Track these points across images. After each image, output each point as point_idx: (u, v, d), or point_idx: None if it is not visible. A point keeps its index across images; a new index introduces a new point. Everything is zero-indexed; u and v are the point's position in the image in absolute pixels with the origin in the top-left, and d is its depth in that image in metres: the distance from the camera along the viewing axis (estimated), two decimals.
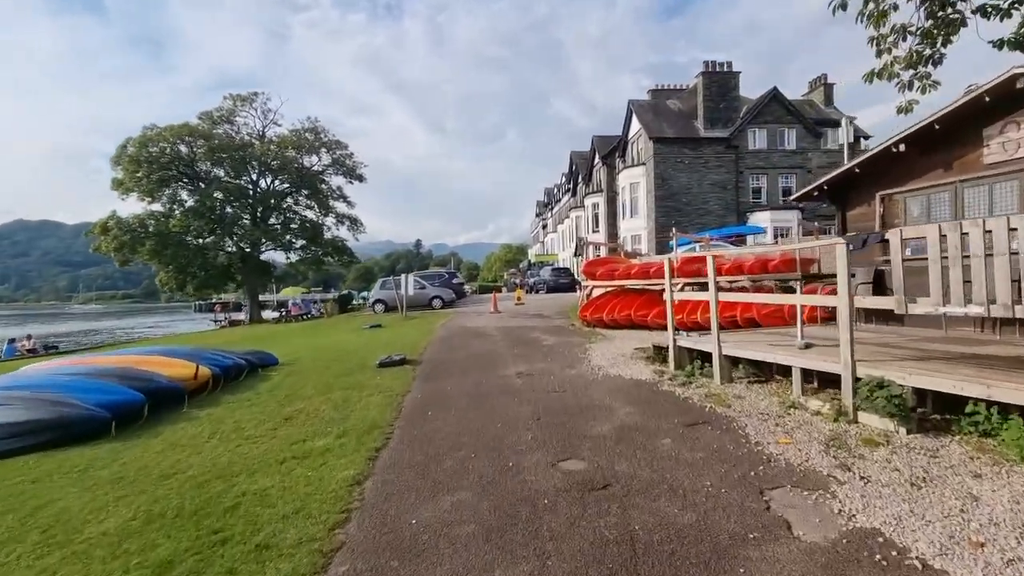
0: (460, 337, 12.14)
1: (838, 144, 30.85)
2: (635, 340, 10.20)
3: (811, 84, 33.92)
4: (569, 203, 51.96)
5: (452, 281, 26.81)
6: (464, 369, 8.25)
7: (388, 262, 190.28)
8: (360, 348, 11.41)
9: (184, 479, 4.57)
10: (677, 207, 29.41)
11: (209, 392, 8.04)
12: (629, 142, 34.14)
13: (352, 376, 8.32)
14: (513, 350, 9.72)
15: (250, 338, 17.96)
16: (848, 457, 3.86)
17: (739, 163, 29.77)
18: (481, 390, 6.81)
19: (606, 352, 8.95)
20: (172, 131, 28.06)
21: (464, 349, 10.25)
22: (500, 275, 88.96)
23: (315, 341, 14.25)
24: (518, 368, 8.02)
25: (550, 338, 11.12)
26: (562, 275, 32.42)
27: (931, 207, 7.23)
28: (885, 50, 5.70)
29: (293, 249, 33.20)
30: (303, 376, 8.75)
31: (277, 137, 32.48)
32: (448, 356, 9.54)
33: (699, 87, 30.35)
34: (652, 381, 6.58)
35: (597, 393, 6.23)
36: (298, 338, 16.08)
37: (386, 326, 16.36)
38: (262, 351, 9.96)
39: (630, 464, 4.03)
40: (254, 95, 32.07)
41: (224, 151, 30.12)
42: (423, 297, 22.13)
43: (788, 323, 9.41)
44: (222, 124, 32.06)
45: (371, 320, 18.93)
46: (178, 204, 30.87)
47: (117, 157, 27.71)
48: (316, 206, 33.74)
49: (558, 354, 9.09)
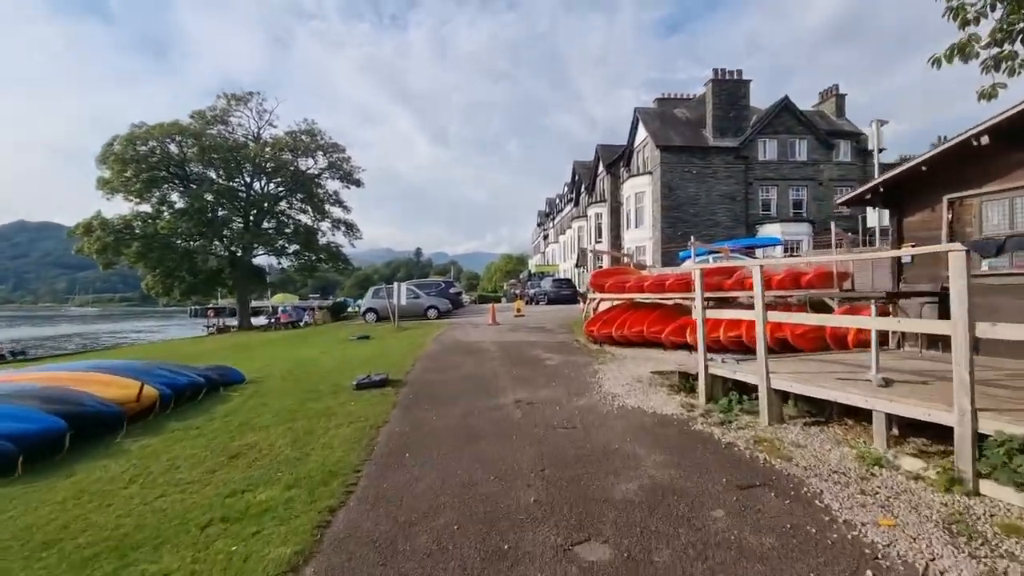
0: (453, 353, 10.98)
1: (850, 157, 30.06)
2: (650, 361, 9.04)
3: (822, 95, 33.06)
4: (571, 213, 51.01)
5: (449, 291, 25.64)
6: (455, 394, 7.07)
7: (388, 270, 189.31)
8: (341, 363, 10.23)
9: (69, 550, 3.40)
10: (684, 218, 28.38)
11: (155, 416, 6.87)
12: (635, 151, 33.21)
13: (323, 400, 7.15)
14: (512, 370, 8.55)
15: (230, 347, 16.79)
16: (991, 555, 2.69)
17: (748, 174, 28.79)
18: (473, 424, 5.64)
19: (619, 376, 7.78)
20: (161, 129, 27.04)
21: (456, 368, 9.08)
22: (500, 285, 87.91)
23: (295, 353, 13.07)
24: (517, 395, 6.85)
25: (553, 356, 9.95)
26: (563, 286, 31.29)
27: (1017, 213, 6.11)
28: (972, 20, 4.64)
29: (285, 254, 32.08)
30: (268, 398, 7.57)
31: (272, 138, 31.47)
32: (438, 377, 8.36)
33: (708, 95, 29.45)
34: (681, 417, 5.41)
35: (615, 432, 5.06)
36: (279, 349, 14.90)
37: (375, 338, 15.18)
38: (226, 367, 8.78)
39: (674, 554, 2.86)
40: (249, 95, 31.16)
41: (216, 152, 29.10)
42: (417, 307, 20.97)
43: (826, 346, 8.27)
44: (216, 124, 31.07)
45: (361, 330, 17.75)
46: (167, 205, 29.82)
47: (103, 155, 26.64)
48: (311, 210, 32.67)
49: (564, 377, 7.92)
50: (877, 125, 12.73)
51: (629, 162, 34.08)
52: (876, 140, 12.74)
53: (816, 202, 29.09)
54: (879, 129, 12.74)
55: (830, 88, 32.31)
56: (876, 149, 12.86)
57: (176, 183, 29.98)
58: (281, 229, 32.85)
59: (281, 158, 31.62)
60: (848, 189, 30.27)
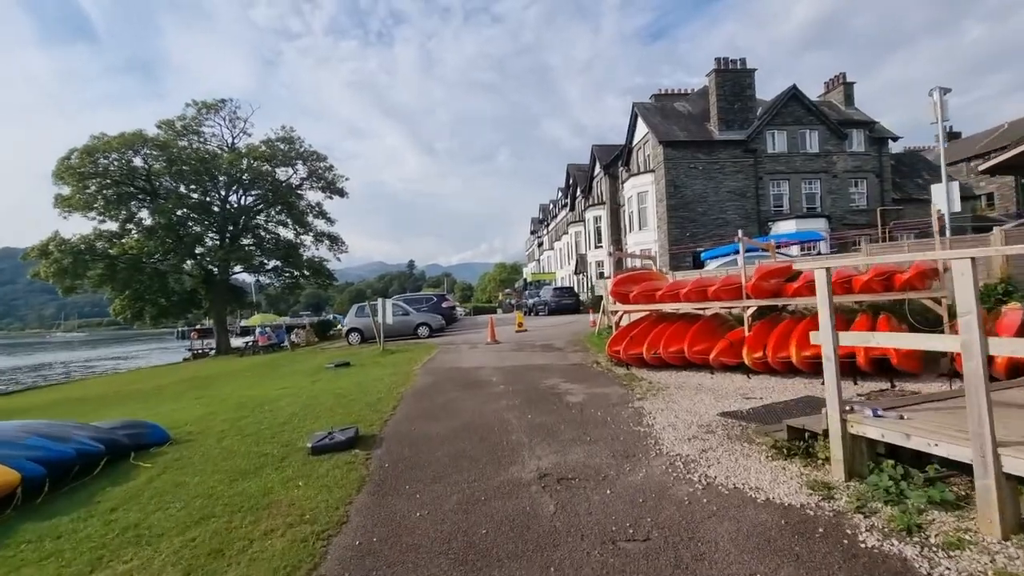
0: (447, 387, 8.84)
1: (864, 146, 28.33)
2: (703, 392, 6.95)
3: (827, 85, 31.39)
4: (567, 218, 49.14)
5: (442, 305, 23.46)
6: (448, 462, 4.93)
7: (381, 284, 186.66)
8: (306, 406, 8.05)
9: None
10: (692, 217, 26.49)
11: (14, 509, 4.69)
12: (634, 149, 31.38)
13: (263, 474, 4.99)
14: (526, 414, 6.42)
15: (188, 380, 14.57)
16: None
17: (758, 168, 26.97)
18: (478, 530, 3.50)
19: (676, 419, 5.67)
20: (122, 140, 24.82)
21: (452, 412, 6.93)
22: (495, 295, 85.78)
23: (256, 389, 10.85)
24: (540, 461, 4.72)
25: (575, 388, 7.84)
26: (565, 295, 29.25)
27: None
28: None
29: (264, 271, 29.85)
30: (188, 472, 5.39)
31: (246, 147, 29.35)
32: (426, 428, 6.20)
33: (711, 86, 27.69)
34: (822, 515, 3.28)
35: (724, 552, 2.94)
36: (241, 383, 12.68)
37: (356, 364, 13.00)
38: (143, 424, 6.57)
39: None
40: (221, 103, 29.04)
41: (187, 164, 26.95)
42: (407, 325, 18.81)
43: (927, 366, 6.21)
44: (188, 135, 28.97)
45: (341, 355, 15.56)
46: (135, 223, 27.60)
47: (59, 170, 24.30)
48: (291, 223, 30.50)
49: (598, 423, 5.80)
50: (940, 93, 10.82)
51: (628, 161, 32.23)
52: (939, 111, 10.80)
53: (831, 195, 27.31)
54: (942, 98, 10.84)
55: (837, 76, 30.65)
56: (940, 121, 10.93)
57: (143, 199, 27.77)
58: (260, 244, 30.69)
59: (258, 169, 29.53)
60: (864, 181, 28.61)
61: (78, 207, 24.71)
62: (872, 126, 28.10)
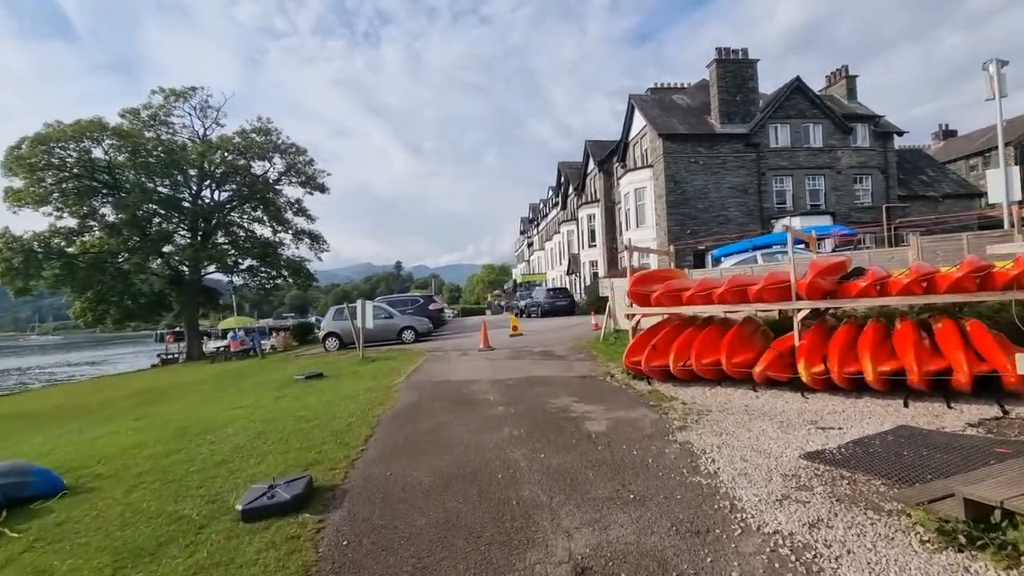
0: (434, 407, 7.30)
1: (869, 142, 27.30)
2: (754, 417, 5.50)
3: (829, 78, 30.28)
4: (559, 217, 47.75)
5: (429, 307, 21.80)
6: (434, 538, 3.38)
7: (367, 285, 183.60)
8: (254, 436, 6.44)
9: None
10: (692, 214, 25.21)
11: None
12: (630, 143, 30.07)
13: (161, 560, 3.41)
14: (537, 451, 4.91)
15: (138, 394, 12.85)
16: None
17: (760, 163, 25.77)
18: None
19: (746, 466, 4.18)
20: (78, 128, 22.78)
21: (438, 446, 5.39)
22: (484, 296, 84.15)
23: (207, 409, 9.19)
24: (571, 540, 3.20)
25: (592, 410, 6.35)
26: (559, 296, 27.78)
27: None
28: None
29: (238, 270, 27.97)
30: (58, 551, 3.76)
31: (219, 139, 27.43)
32: (403, 474, 4.65)
33: (712, 77, 26.44)
34: None
35: None
36: (194, 399, 10.99)
37: (330, 376, 11.38)
38: (28, 470, 4.91)
39: None
40: (191, 90, 27.06)
41: (152, 155, 25.00)
42: (390, 329, 17.17)
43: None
44: (156, 126, 26.99)
45: (315, 363, 13.93)
46: (98, 219, 25.57)
47: (8, 161, 22.20)
48: (267, 219, 28.63)
49: (639, 470, 4.29)
50: (997, 66, 9.54)
51: (624, 156, 30.90)
52: (997, 85, 9.50)
53: (835, 192, 26.20)
54: (1000, 70, 9.56)
55: (839, 70, 29.57)
56: (998, 96, 9.65)
57: (108, 194, 25.74)
58: (235, 242, 28.80)
59: (233, 162, 27.64)
60: (869, 177, 27.57)
61: (31, 201, 22.66)
62: (876, 120, 27.09)
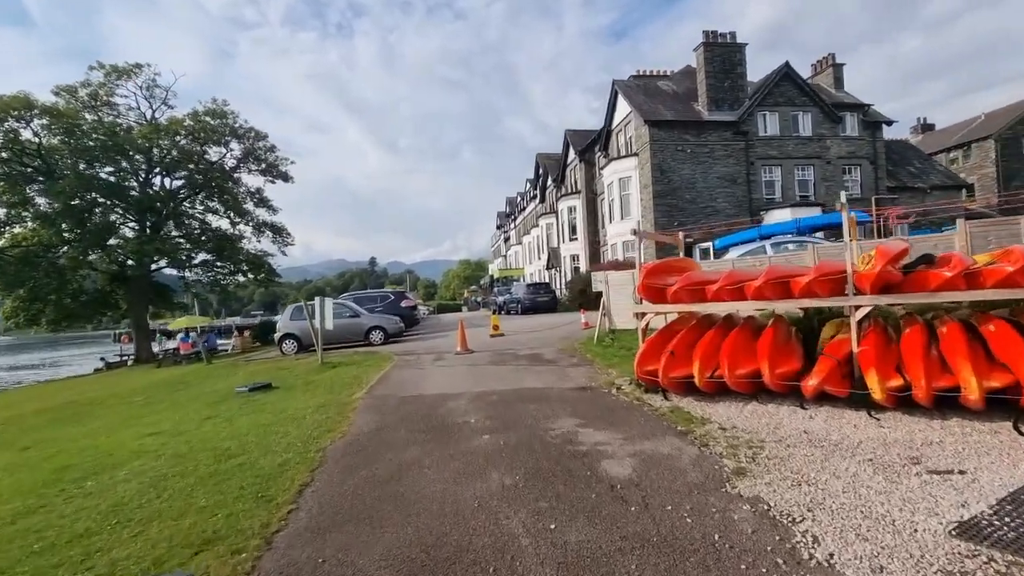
0: (398, 436, 5.70)
1: (858, 131, 26.53)
2: (845, 457, 4.05)
3: (815, 67, 29.52)
4: (537, 210, 46.26)
5: (400, 304, 19.99)
6: None
7: (340, 281, 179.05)
8: (149, 485, 4.73)
9: None
10: (679, 205, 24.03)
11: None
12: (614, 131, 28.73)
13: None
14: (543, 517, 3.37)
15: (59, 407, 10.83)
16: None
17: (749, 152, 24.74)
18: None
19: (869, 549, 2.71)
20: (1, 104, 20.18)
21: (399, 510, 3.79)
22: (460, 292, 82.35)
23: (110, 436, 7.32)
24: None
25: (606, 441, 4.84)
26: (541, 292, 26.30)
27: None
28: None
29: (191, 265, 25.60)
30: None
31: (168, 121, 24.96)
32: (342, 562, 3.06)
33: (700, 62, 25.26)
34: None
35: None
36: (110, 418, 9.08)
37: (278, 387, 9.63)
38: None
39: None
40: (136, 67, 24.49)
41: (91, 138, 22.50)
42: (356, 329, 15.38)
43: None
44: (99, 106, 24.39)
45: (267, 370, 12.14)
46: (31, 209, 22.93)
47: None
48: (223, 209, 26.31)
49: (703, 553, 2.79)
50: None
51: (607, 145, 29.57)
52: None
53: (825, 183, 25.38)
54: None
55: (826, 58, 28.84)
56: None
57: (43, 181, 23.11)
58: (189, 235, 26.42)
59: (187, 148, 25.24)
60: (858, 168, 26.85)
61: None
62: (865, 109, 26.38)
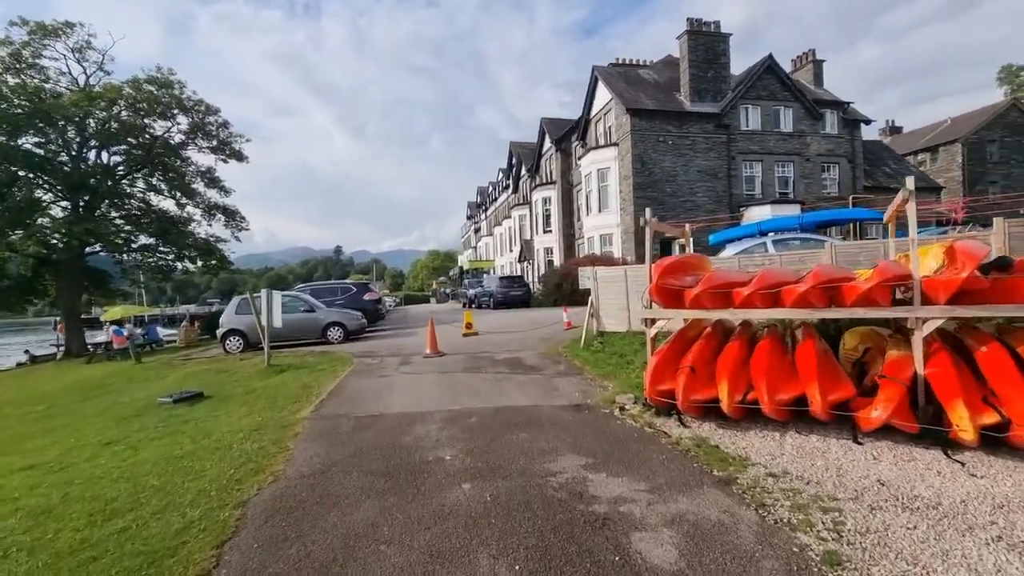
0: (347, 485, 4.38)
1: (837, 129, 26.25)
2: (967, 530, 2.94)
3: (795, 62, 29.11)
4: (510, 201, 44.88)
5: (363, 297, 18.33)
6: None
7: (304, 270, 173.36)
8: (10, 547, 3.28)
9: None
10: (660, 198, 23.10)
11: None
12: (592, 120, 27.62)
13: None
14: None
15: None
16: None
17: (731, 146, 24.05)
18: None
19: None
20: None
21: None
22: (428, 283, 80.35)
23: None
24: None
25: (629, 496, 3.65)
26: (514, 285, 25.04)
27: None
28: None
29: (130, 250, 23.19)
30: None
31: (104, 87, 22.37)
32: None
33: (683, 50, 24.35)
34: None
35: None
36: None
37: (213, 397, 8.08)
38: None
39: None
40: (67, 26, 21.80)
41: (10, 103, 19.86)
42: (312, 326, 13.77)
43: None
44: (23, 69, 21.63)
45: (203, 372, 10.47)
46: None
47: None
48: (167, 189, 23.92)
49: None
50: None
51: (585, 135, 28.45)
52: None
53: (803, 180, 24.98)
54: None
55: (806, 53, 28.46)
56: None
57: None
58: (128, 216, 23.95)
59: (126, 120, 22.72)
60: (836, 166, 26.59)
61: None
62: (845, 107, 26.10)
